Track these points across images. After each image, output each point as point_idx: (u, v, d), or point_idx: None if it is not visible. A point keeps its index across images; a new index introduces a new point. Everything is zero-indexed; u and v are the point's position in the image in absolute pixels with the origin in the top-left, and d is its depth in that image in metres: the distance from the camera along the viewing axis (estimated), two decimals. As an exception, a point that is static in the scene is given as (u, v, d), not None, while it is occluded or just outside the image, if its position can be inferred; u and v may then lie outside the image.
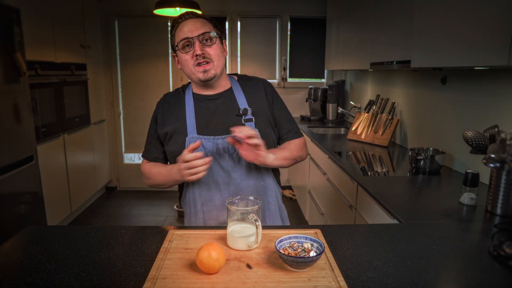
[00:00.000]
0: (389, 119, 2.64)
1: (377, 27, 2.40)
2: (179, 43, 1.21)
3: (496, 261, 0.96)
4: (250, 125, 1.22)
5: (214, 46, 1.21)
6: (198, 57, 1.18)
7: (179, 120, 1.25)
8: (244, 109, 1.23)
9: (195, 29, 1.19)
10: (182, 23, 1.22)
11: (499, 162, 1.10)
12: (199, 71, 1.20)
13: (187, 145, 1.19)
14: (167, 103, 1.31)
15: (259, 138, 1.12)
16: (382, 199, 1.51)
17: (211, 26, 1.24)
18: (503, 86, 1.65)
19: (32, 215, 2.43)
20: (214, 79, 1.23)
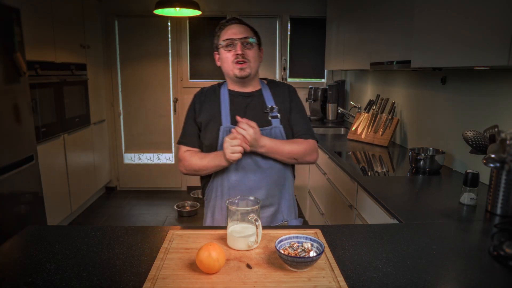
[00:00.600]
0: (389, 119, 2.64)
1: (377, 27, 2.40)
2: (223, 42, 1.37)
3: (496, 261, 0.96)
4: (276, 121, 1.39)
5: (253, 50, 1.38)
6: (238, 56, 1.34)
7: (214, 111, 1.40)
8: (271, 107, 1.41)
9: (239, 32, 1.36)
10: (229, 26, 1.39)
11: (499, 162, 1.10)
12: (237, 67, 1.36)
13: (221, 134, 1.34)
14: (203, 95, 1.46)
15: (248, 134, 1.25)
16: (382, 199, 1.51)
17: (252, 34, 1.40)
18: (503, 86, 1.65)
19: (32, 215, 2.43)
20: (248, 77, 1.39)
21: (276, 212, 1.39)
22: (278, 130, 1.38)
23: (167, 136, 4.37)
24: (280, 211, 1.40)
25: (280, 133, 1.38)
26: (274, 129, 1.37)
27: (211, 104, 1.42)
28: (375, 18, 2.45)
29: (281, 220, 1.40)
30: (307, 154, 1.39)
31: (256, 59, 1.40)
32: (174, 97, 4.28)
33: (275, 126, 1.38)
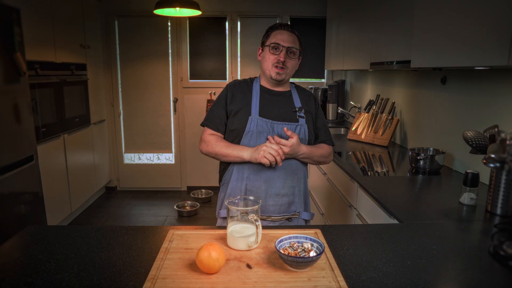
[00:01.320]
0: (389, 119, 2.64)
1: (377, 27, 2.40)
2: (271, 44, 1.46)
3: (496, 261, 0.96)
4: (302, 120, 1.50)
5: (294, 60, 1.49)
6: (279, 62, 1.45)
7: (246, 102, 1.49)
8: (300, 107, 1.53)
9: (288, 41, 1.46)
10: (281, 30, 1.48)
11: (499, 162, 1.10)
12: (274, 71, 1.47)
13: (249, 123, 1.44)
14: (237, 86, 1.55)
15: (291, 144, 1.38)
16: (382, 199, 1.51)
17: (298, 44, 1.50)
18: (503, 86, 1.65)
19: (32, 215, 2.43)
20: (282, 81, 1.51)
21: (290, 203, 1.48)
22: (303, 128, 1.49)
23: (167, 136, 4.37)
24: (294, 202, 1.49)
25: (304, 131, 1.49)
26: (300, 127, 1.48)
27: (244, 94, 1.51)
28: (375, 18, 2.45)
29: (294, 211, 1.50)
30: (323, 156, 1.55)
31: (294, 67, 1.51)
32: (174, 97, 4.28)
33: (301, 124, 1.49)
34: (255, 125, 1.45)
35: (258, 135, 1.45)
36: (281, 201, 1.46)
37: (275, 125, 1.46)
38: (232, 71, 4.23)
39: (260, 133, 1.44)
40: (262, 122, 1.45)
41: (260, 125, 1.45)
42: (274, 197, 1.44)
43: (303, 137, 1.50)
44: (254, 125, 1.45)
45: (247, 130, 1.44)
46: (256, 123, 1.45)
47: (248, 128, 1.45)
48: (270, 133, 1.45)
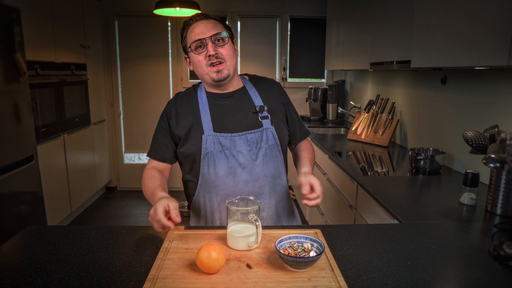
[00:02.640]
0: (389, 119, 2.64)
1: (377, 27, 2.40)
2: (191, 45, 1.22)
3: (496, 261, 0.96)
4: (266, 122, 1.26)
5: (226, 46, 1.23)
6: (211, 57, 1.20)
7: (194, 119, 1.25)
8: (261, 107, 1.27)
9: (207, 30, 1.21)
10: (193, 24, 1.24)
11: (499, 162, 1.10)
12: (212, 71, 1.21)
13: (203, 144, 1.21)
14: (179, 102, 1.30)
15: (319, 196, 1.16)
16: (382, 199, 1.51)
17: (222, 27, 1.25)
18: (503, 86, 1.64)
19: (32, 215, 2.43)
20: (227, 79, 1.24)
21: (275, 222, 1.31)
22: (270, 131, 1.25)
23: (167, 136, 4.37)
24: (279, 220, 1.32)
25: (272, 135, 1.26)
26: (266, 131, 1.25)
27: (189, 111, 1.26)
28: (375, 18, 2.45)
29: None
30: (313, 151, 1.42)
31: (232, 56, 1.24)
32: (174, 97, 4.28)
33: (266, 128, 1.25)
34: (211, 144, 1.20)
35: (218, 155, 1.20)
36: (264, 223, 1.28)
37: (236, 138, 1.22)
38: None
39: (220, 152, 1.20)
40: (219, 138, 1.21)
41: (218, 143, 1.20)
42: None
43: (273, 143, 1.25)
44: (211, 144, 1.20)
45: (204, 152, 1.20)
46: (213, 141, 1.20)
47: (204, 150, 1.20)
48: (232, 149, 1.21)
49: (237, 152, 1.22)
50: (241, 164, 1.22)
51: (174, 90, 4.27)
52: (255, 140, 1.23)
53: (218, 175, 1.22)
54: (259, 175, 1.24)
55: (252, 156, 1.23)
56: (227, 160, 1.21)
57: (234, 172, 1.22)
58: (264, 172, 1.25)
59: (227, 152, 1.21)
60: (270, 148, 1.25)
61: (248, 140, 1.23)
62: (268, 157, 1.25)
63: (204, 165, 1.22)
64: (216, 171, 1.22)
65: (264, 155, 1.24)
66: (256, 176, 1.24)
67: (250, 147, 1.23)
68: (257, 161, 1.24)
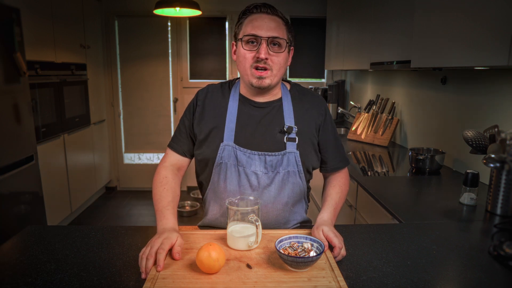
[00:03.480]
0: (389, 119, 2.64)
1: (377, 27, 2.40)
2: (244, 37, 1.07)
3: (496, 261, 0.96)
4: (292, 145, 1.12)
5: (281, 54, 1.08)
6: (260, 60, 1.06)
7: (218, 121, 1.14)
8: (289, 127, 1.12)
9: (267, 28, 1.06)
10: (256, 14, 1.08)
11: (499, 162, 1.10)
12: (254, 75, 1.08)
13: (219, 153, 1.11)
14: (209, 97, 1.18)
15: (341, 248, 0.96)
16: (382, 199, 1.51)
17: (284, 31, 1.09)
18: (503, 86, 1.64)
19: (32, 215, 2.43)
20: (267, 88, 1.11)
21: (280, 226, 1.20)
22: (292, 156, 1.11)
23: (167, 136, 4.36)
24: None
25: (295, 160, 1.12)
26: (288, 155, 1.11)
27: (216, 111, 1.15)
28: (375, 18, 2.45)
29: None
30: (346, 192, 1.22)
31: (282, 66, 1.09)
32: (174, 97, 4.28)
33: (290, 152, 1.11)
34: (227, 156, 1.10)
35: (231, 169, 1.10)
36: None
37: (255, 157, 1.10)
38: (232, 71, 4.23)
39: (233, 166, 1.10)
40: (236, 151, 1.10)
41: (233, 156, 1.10)
42: None
43: (294, 169, 1.12)
44: (227, 156, 1.10)
45: (218, 162, 1.11)
46: (229, 153, 1.10)
47: (219, 159, 1.10)
48: (247, 167, 1.10)
49: (251, 172, 1.11)
50: (252, 185, 1.12)
51: (174, 90, 4.27)
52: (273, 163, 1.11)
53: (226, 188, 1.13)
54: (268, 201, 1.13)
55: (267, 180, 1.12)
56: (238, 177, 1.12)
57: (243, 191, 1.12)
58: (276, 200, 1.14)
59: (240, 169, 1.11)
60: (289, 174, 1.12)
61: (267, 162, 1.10)
62: (284, 184, 1.13)
63: (215, 174, 1.13)
64: (226, 184, 1.13)
65: (280, 181, 1.12)
66: (265, 201, 1.13)
67: (266, 170, 1.11)
68: (271, 186, 1.12)
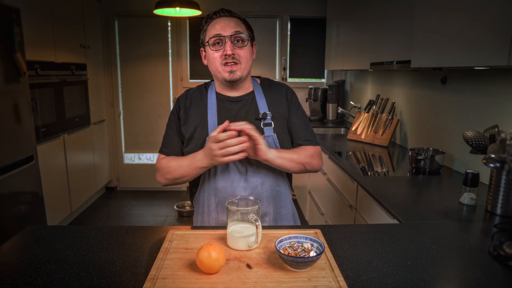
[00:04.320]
0: (389, 119, 2.64)
1: (377, 27, 2.40)
2: (210, 40, 1.20)
3: (496, 261, 0.96)
4: (269, 129, 1.24)
5: (245, 48, 1.21)
6: (227, 57, 1.18)
7: (201, 119, 1.25)
8: (264, 113, 1.25)
9: (228, 27, 1.19)
10: (216, 19, 1.22)
11: (499, 162, 1.10)
12: (225, 70, 1.20)
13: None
14: (189, 99, 1.30)
15: (256, 132, 1.11)
16: (382, 199, 1.51)
17: (244, 27, 1.23)
18: (503, 86, 1.65)
19: (32, 215, 2.43)
20: (239, 80, 1.23)
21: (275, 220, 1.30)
22: (271, 139, 1.24)
23: (167, 136, 4.37)
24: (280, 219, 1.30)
25: (273, 143, 1.24)
26: (267, 139, 1.23)
27: (197, 110, 1.27)
28: (375, 18, 2.45)
29: None
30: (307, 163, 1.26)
31: (248, 59, 1.23)
32: (174, 97, 4.28)
33: (268, 135, 1.24)
34: None
35: None
36: (264, 222, 1.27)
37: None
38: (232, 71, 4.23)
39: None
40: None
41: None
42: None
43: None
44: None
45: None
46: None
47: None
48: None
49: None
50: (239, 170, 1.23)
51: (174, 90, 4.27)
52: None
53: (216, 179, 1.24)
54: (257, 183, 1.24)
55: (252, 163, 1.23)
56: (226, 165, 1.22)
57: (232, 178, 1.23)
58: (263, 180, 1.24)
59: None
60: None
61: None
62: (268, 165, 1.22)
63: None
64: (216, 175, 1.24)
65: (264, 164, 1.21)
66: (254, 184, 1.24)
67: None
68: (256, 168, 1.23)
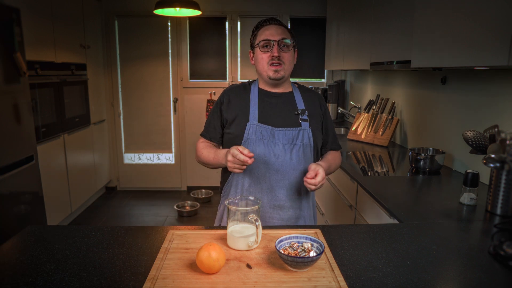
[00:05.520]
0: (389, 119, 2.64)
1: (377, 27, 2.40)
2: (260, 42, 1.37)
3: (496, 261, 0.96)
4: (305, 124, 1.39)
5: (289, 52, 1.38)
6: (274, 58, 1.35)
7: (243, 107, 1.40)
8: (302, 110, 1.41)
9: (277, 34, 1.36)
10: (267, 26, 1.39)
11: (499, 162, 1.10)
12: (271, 69, 1.36)
13: (247, 130, 1.35)
14: (234, 91, 1.46)
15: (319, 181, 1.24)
16: (382, 199, 1.51)
17: (289, 35, 1.40)
18: (503, 86, 1.65)
19: (32, 215, 2.43)
20: (282, 79, 1.39)
21: (297, 217, 1.37)
22: (306, 132, 1.38)
23: (167, 136, 4.37)
24: (301, 216, 1.38)
25: (308, 136, 1.38)
26: (303, 131, 1.37)
27: (240, 100, 1.42)
28: (375, 18, 2.45)
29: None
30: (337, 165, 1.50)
31: (291, 61, 1.40)
32: (174, 97, 4.28)
33: (304, 129, 1.38)
34: (253, 132, 1.35)
35: (257, 142, 1.35)
36: (287, 215, 1.35)
37: (276, 132, 1.36)
38: (232, 71, 4.23)
39: (259, 140, 1.35)
40: (261, 128, 1.35)
41: (259, 132, 1.35)
42: (278, 210, 1.33)
43: (307, 143, 1.38)
44: (253, 132, 1.35)
45: (246, 138, 1.35)
46: (255, 130, 1.35)
47: (246, 136, 1.35)
48: (270, 140, 1.35)
49: (274, 144, 1.35)
50: (275, 154, 1.35)
51: (174, 90, 4.27)
52: (292, 136, 1.36)
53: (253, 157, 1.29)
54: (290, 168, 1.35)
55: (287, 150, 1.36)
56: (264, 147, 1.34)
57: (268, 159, 1.34)
58: (295, 166, 1.35)
59: (265, 141, 1.35)
60: (303, 147, 1.37)
61: (286, 135, 1.36)
62: (301, 154, 1.36)
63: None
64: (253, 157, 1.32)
65: (297, 152, 1.36)
66: (286, 168, 1.35)
67: (287, 141, 1.36)
68: (290, 155, 1.36)
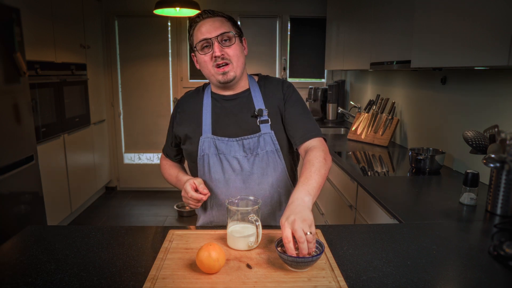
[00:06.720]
0: (389, 119, 2.64)
1: (377, 27, 2.40)
2: (197, 44, 1.18)
3: (496, 261, 0.96)
4: (265, 126, 1.20)
5: (234, 46, 1.18)
6: (217, 58, 1.16)
7: (196, 120, 1.25)
8: (259, 110, 1.21)
9: (213, 29, 1.16)
10: (200, 22, 1.18)
11: (499, 162, 1.10)
12: (218, 73, 1.18)
13: (200, 146, 1.22)
14: (186, 100, 1.32)
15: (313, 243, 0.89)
16: (382, 199, 1.51)
17: (230, 25, 1.20)
18: (503, 86, 1.64)
19: (32, 215, 2.43)
20: (233, 81, 1.20)
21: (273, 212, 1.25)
22: (268, 136, 1.19)
23: (167, 136, 4.37)
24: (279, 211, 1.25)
25: (271, 140, 1.20)
26: (264, 136, 1.19)
27: (193, 112, 1.27)
28: (375, 18, 2.45)
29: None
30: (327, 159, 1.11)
31: (239, 56, 1.19)
32: (174, 97, 4.28)
33: (265, 133, 1.19)
34: (208, 147, 1.20)
35: (213, 158, 1.20)
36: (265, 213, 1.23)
37: (233, 144, 1.19)
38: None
39: (215, 155, 1.20)
40: (216, 141, 1.20)
41: (213, 146, 1.20)
42: None
43: (271, 149, 1.19)
44: (207, 147, 1.20)
45: (200, 154, 1.21)
46: (209, 144, 1.19)
47: (201, 151, 1.21)
48: (228, 154, 1.19)
49: (232, 158, 1.19)
50: (235, 170, 1.19)
51: (174, 90, 4.27)
52: (251, 146, 1.19)
53: (212, 178, 1.22)
54: (254, 183, 1.20)
55: (248, 163, 1.19)
56: (221, 165, 1.20)
57: (228, 178, 1.20)
58: (260, 181, 1.20)
59: (221, 156, 1.20)
60: (268, 154, 1.19)
61: (245, 146, 1.19)
62: (265, 164, 1.19)
63: (200, 167, 1.23)
64: (211, 175, 1.22)
65: (260, 162, 1.19)
66: (250, 184, 1.20)
67: (246, 153, 1.19)
68: (253, 168, 1.19)
